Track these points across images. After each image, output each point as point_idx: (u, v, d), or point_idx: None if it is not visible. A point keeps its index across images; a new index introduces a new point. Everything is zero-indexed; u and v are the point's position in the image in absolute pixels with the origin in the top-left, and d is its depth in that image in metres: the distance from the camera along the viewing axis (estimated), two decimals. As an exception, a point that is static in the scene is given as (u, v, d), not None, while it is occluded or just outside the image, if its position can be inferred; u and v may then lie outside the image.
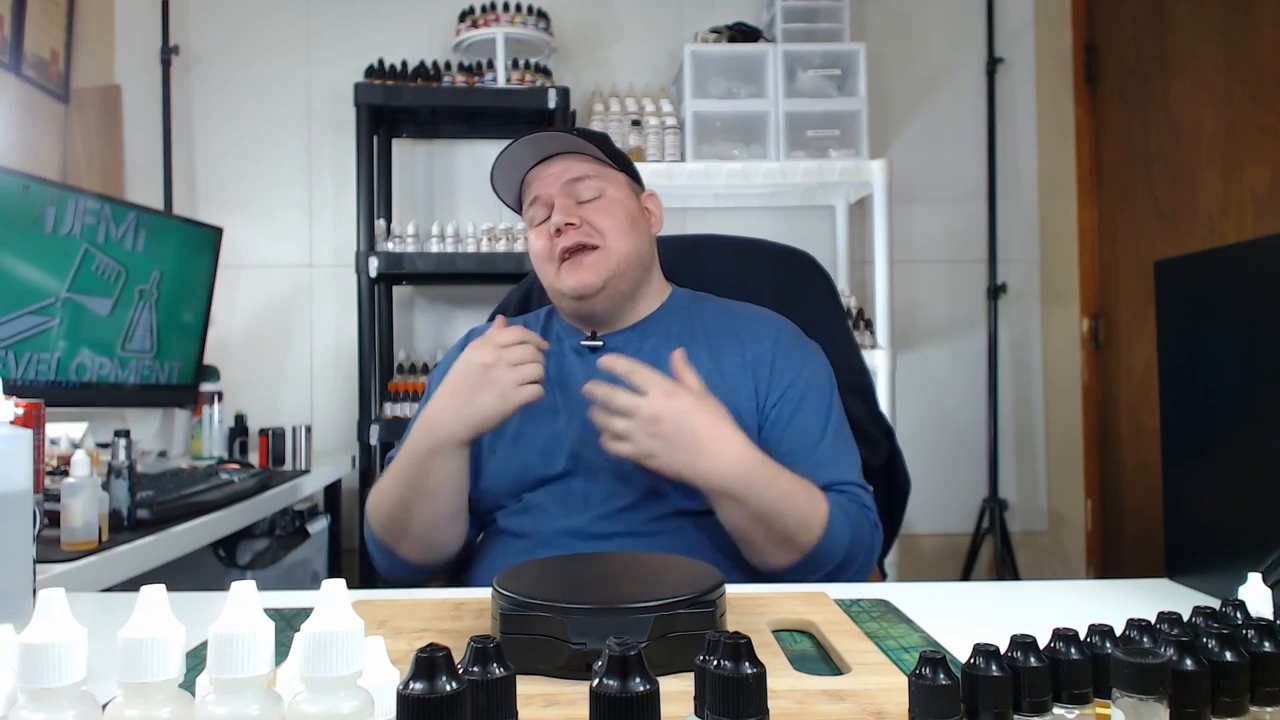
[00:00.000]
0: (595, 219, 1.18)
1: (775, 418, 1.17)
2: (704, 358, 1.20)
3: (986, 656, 0.45)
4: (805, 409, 1.18)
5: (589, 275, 1.17)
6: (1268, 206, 2.12)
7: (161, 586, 0.45)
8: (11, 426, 0.81)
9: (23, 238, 1.76)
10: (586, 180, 1.20)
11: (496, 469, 1.19)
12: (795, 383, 1.19)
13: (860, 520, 1.11)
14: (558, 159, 1.21)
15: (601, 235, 1.18)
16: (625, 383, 1.05)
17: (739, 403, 1.17)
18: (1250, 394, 0.90)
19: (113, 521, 1.34)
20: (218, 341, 2.62)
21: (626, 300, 1.23)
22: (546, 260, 1.20)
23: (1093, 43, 2.91)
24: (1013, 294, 3.00)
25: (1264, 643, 0.48)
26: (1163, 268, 1.05)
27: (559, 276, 1.19)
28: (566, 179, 1.20)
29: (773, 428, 1.17)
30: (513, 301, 1.52)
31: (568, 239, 1.17)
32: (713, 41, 2.78)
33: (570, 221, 1.17)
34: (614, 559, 0.96)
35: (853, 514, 1.11)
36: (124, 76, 2.78)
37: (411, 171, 2.94)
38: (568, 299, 1.21)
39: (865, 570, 1.12)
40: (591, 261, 1.17)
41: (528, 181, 1.23)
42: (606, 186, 1.21)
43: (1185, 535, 1.01)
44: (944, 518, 2.96)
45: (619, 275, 1.19)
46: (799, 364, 1.20)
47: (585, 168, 1.21)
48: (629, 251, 1.20)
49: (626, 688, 0.39)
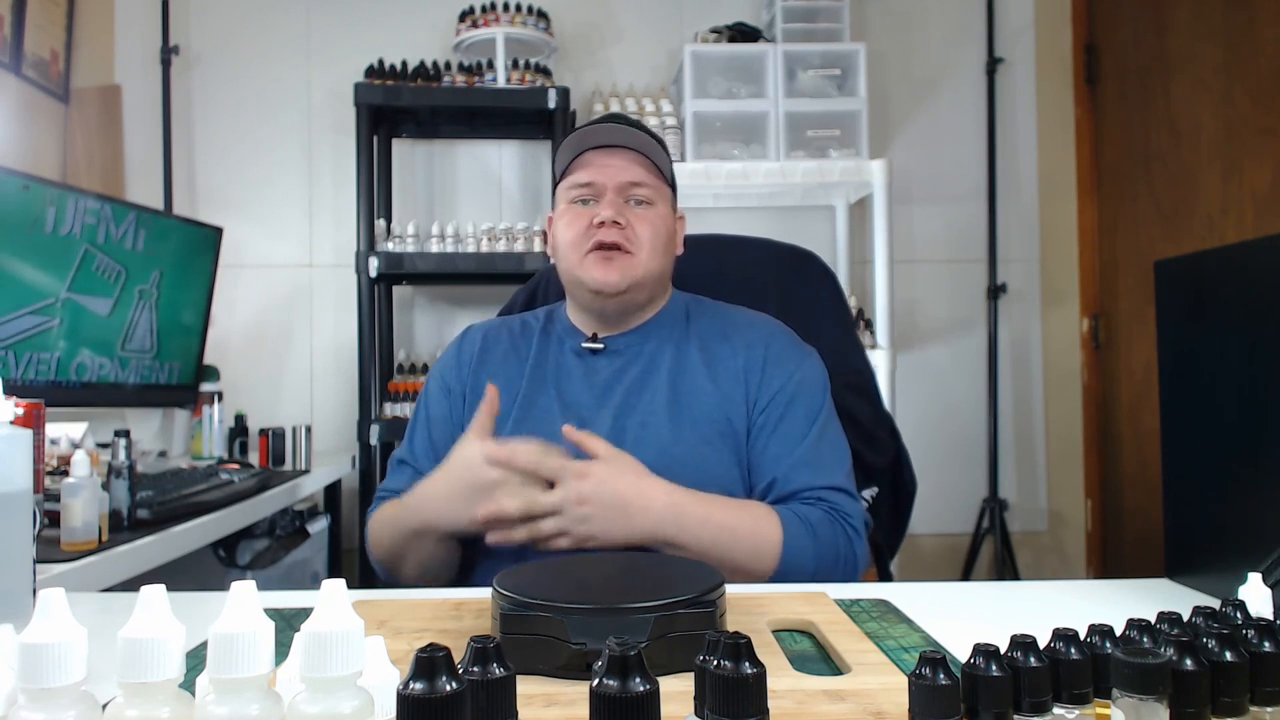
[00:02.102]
0: (639, 227, 1.19)
1: (762, 423, 1.17)
2: (698, 361, 1.21)
3: (986, 656, 0.45)
4: (792, 413, 1.17)
5: (615, 275, 1.18)
6: (1268, 206, 2.12)
7: (161, 586, 0.45)
8: (11, 426, 0.81)
9: (23, 238, 1.76)
10: (643, 187, 1.21)
11: None
12: (784, 387, 1.19)
13: (832, 532, 1.10)
14: (621, 151, 1.21)
15: (639, 244, 1.19)
16: (577, 451, 1.06)
17: (730, 408, 1.18)
18: (1250, 394, 0.90)
19: (113, 521, 1.34)
20: (218, 341, 2.62)
21: (637, 309, 1.24)
22: (575, 246, 1.20)
23: (1093, 43, 2.91)
24: (1013, 294, 3.01)
25: (1264, 643, 0.48)
26: (1163, 268, 1.05)
27: (583, 265, 1.19)
28: (627, 179, 1.20)
29: (759, 432, 1.17)
30: (519, 301, 1.52)
31: (610, 235, 1.17)
32: (713, 41, 2.78)
33: (618, 221, 1.18)
34: (614, 559, 0.96)
35: (822, 528, 1.09)
36: (124, 76, 2.77)
37: (411, 171, 2.94)
38: (586, 290, 1.21)
39: (848, 578, 1.11)
40: (621, 264, 1.18)
41: (586, 161, 1.22)
42: (657, 199, 1.22)
43: (1185, 535, 1.01)
44: (944, 518, 2.96)
45: (639, 286, 1.20)
46: (789, 369, 1.20)
47: (645, 174, 1.21)
48: (656, 268, 1.21)
49: (626, 688, 0.39)
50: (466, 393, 1.26)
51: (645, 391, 1.19)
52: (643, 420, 1.17)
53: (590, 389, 1.21)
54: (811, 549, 1.08)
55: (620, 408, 1.19)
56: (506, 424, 1.18)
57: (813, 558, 1.08)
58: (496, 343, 1.29)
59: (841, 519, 1.12)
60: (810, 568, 1.07)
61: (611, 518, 1.02)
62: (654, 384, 1.20)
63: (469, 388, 1.26)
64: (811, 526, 1.09)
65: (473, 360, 1.27)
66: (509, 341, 1.28)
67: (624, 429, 1.17)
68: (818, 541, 1.08)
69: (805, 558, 1.07)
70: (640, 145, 1.21)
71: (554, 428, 1.17)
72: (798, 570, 1.07)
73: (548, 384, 1.22)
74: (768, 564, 1.06)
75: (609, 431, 1.16)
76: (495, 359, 1.27)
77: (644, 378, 1.21)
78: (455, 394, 1.26)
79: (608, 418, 1.18)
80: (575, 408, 1.20)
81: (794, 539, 1.07)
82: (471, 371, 1.27)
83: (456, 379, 1.27)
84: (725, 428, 1.17)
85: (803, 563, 1.07)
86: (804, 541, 1.08)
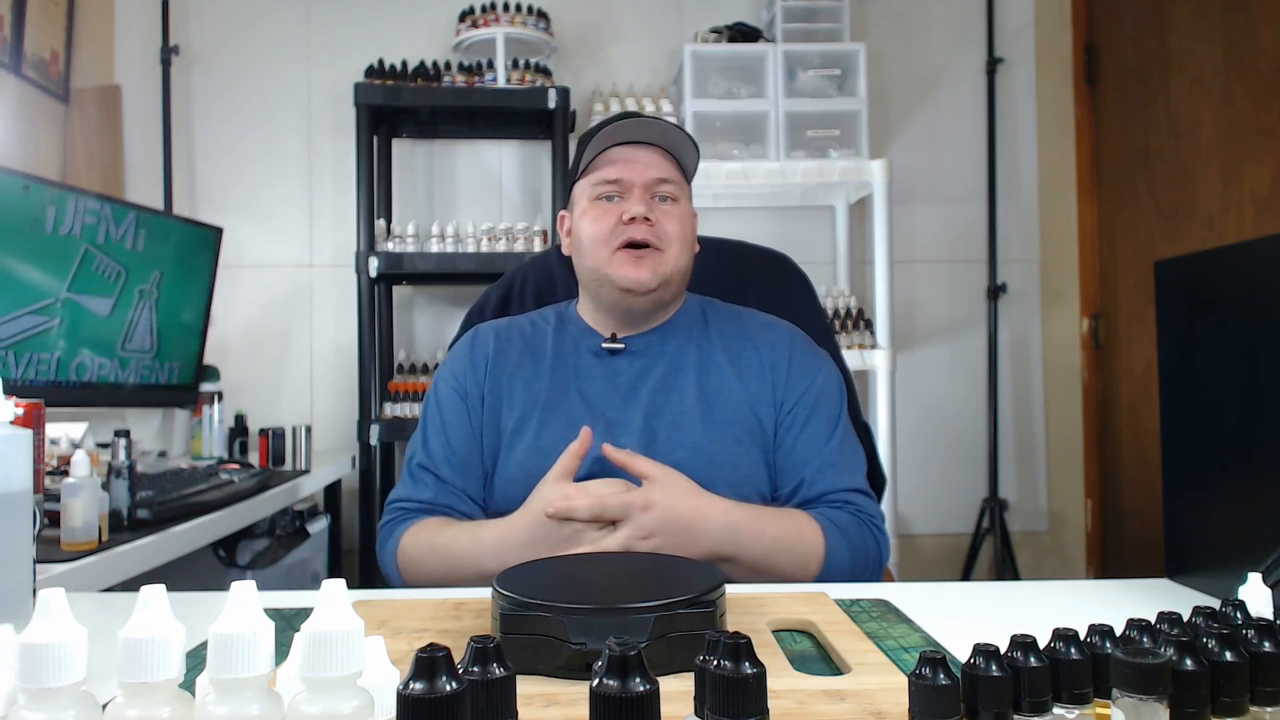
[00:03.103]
0: (667, 224, 1.18)
1: (789, 423, 1.19)
2: (722, 360, 1.21)
3: (986, 656, 0.45)
4: (818, 416, 1.19)
5: (646, 274, 1.17)
6: (1268, 206, 2.12)
7: (161, 586, 0.45)
8: (11, 426, 0.81)
9: (23, 238, 1.76)
10: (669, 183, 1.20)
11: (514, 473, 1.17)
12: (810, 389, 1.20)
13: (862, 535, 1.13)
14: (646, 148, 1.20)
15: (668, 241, 1.18)
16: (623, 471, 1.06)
17: (759, 406, 1.19)
18: (1250, 394, 0.90)
19: (113, 521, 1.34)
20: (218, 341, 2.62)
21: (663, 306, 1.23)
22: (603, 242, 1.18)
23: (1093, 43, 2.91)
24: (1013, 294, 3.01)
25: (1264, 643, 0.48)
26: (1163, 268, 1.05)
27: (612, 263, 1.18)
28: (655, 175, 1.19)
29: (786, 432, 1.19)
30: (491, 302, 1.48)
31: (640, 232, 1.16)
32: (713, 41, 2.78)
33: (649, 218, 1.17)
34: (614, 559, 0.96)
35: (852, 531, 1.12)
36: (124, 76, 2.77)
37: (411, 171, 2.94)
38: (614, 288, 1.19)
39: (875, 578, 1.14)
40: (651, 262, 1.17)
41: (612, 157, 1.20)
42: (682, 196, 1.22)
43: (1185, 535, 1.01)
44: (944, 518, 2.96)
45: (667, 283, 1.19)
46: (813, 372, 1.22)
47: (672, 171, 1.21)
48: (683, 265, 1.21)
49: (626, 688, 0.39)
50: (485, 395, 1.22)
51: (673, 392, 1.19)
52: (674, 420, 1.17)
53: (614, 390, 1.20)
54: (847, 553, 1.10)
55: (649, 408, 1.18)
56: (529, 427, 1.17)
57: (849, 561, 1.10)
58: (510, 344, 1.25)
59: (868, 521, 1.15)
60: (847, 571, 1.10)
61: (676, 544, 1.02)
62: (681, 384, 1.19)
63: (487, 390, 1.22)
64: (844, 531, 1.11)
65: (488, 361, 1.24)
66: (523, 342, 1.26)
67: (655, 430, 1.16)
68: (851, 545, 1.11)
69: (842, 562, 1.09)
70: (665, 141, 1.20)
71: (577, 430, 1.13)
72: (835, 573, 1.09)
73: (569, 385, 1.20)
74: (813, 571, 1.08)
75: (639, 432, 1.16)
76: (511, 360, 1.24)
77: (670, 378, 1.20)
78: (473, 397, 1.23)
79: (637, 419, 1.17)
80: (601, 409, 1.18)
81: (834, 545, 1.09)
82: (488, 373, 1.23)
83: (473, 381, 1.23)
84: (754, 426, 1.18)
85: (840, 566, 1.09)
86: (841, 547, 1.10)
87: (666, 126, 1.19)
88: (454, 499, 1.20)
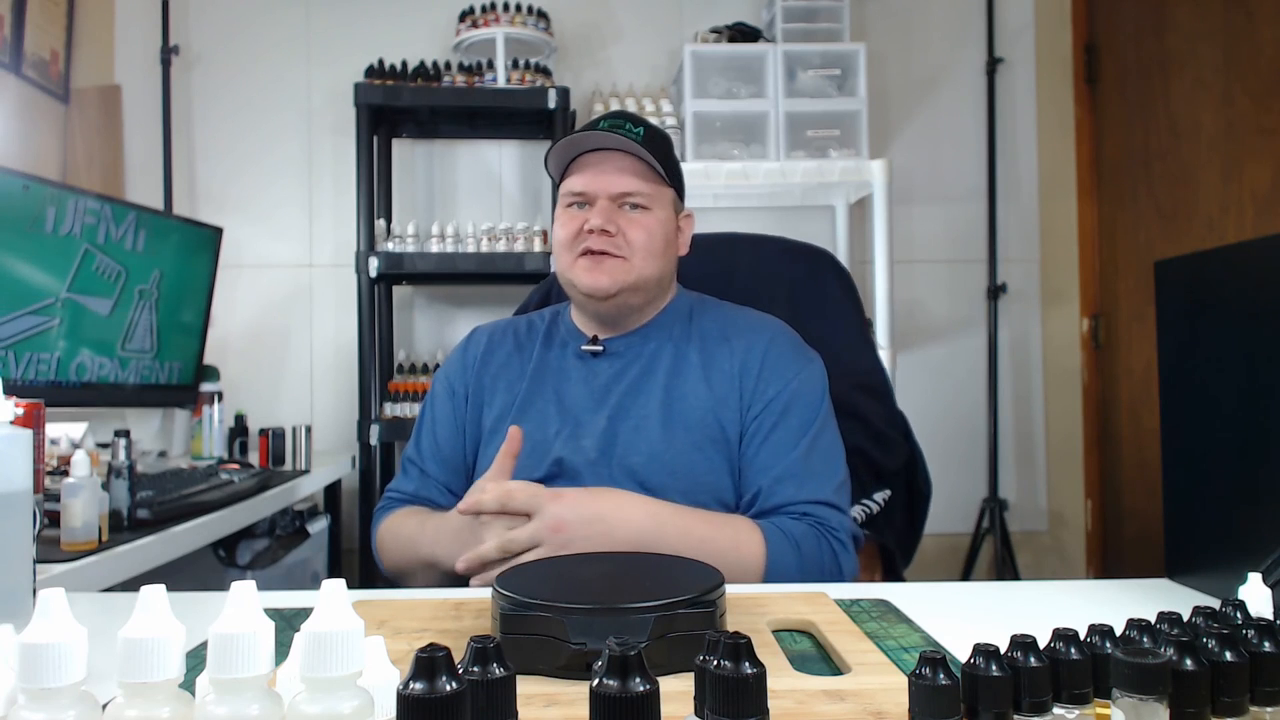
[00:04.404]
0: (631, 233, 1.18)
1: (754, 430, 1.17)
2: (695, 363, 1.21)
3: (986, 656, 0.45)
4: (786, 422, 1.16)
5: (604, 280, 1.17)
6: (1268, 206, 2.12)
7: (161, 586, 0.45)
8: (11, 426, 0.81)
9: (23, 238, 1.76)
10: (636, 195, 1.19)
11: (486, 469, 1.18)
12: (779, 395, 1.18)
13: (817, 546, 1.10)
14: (617, 155, 1.20)
15: (631, 249, 1.18)
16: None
17: (723, 412, 1.17)
18: (1250, 394, 0.90)
19: (113, 521, 1.34)
20: (218, 341, 2.62)
21: (634, 311, 1.24)
22: (567, 248, 1.20)
23: (1093, 43, 2.91)
24: (1013, 294, 3.00)
25: (1264, 643, 0.48)
26: (1163, 268, 1.05)
27: (574, 269, 1.20)
28: (619, 189, 1.19)
29: (750, 440, 1.17)
30: (533, 301, 1.53)
31: (597, 243, 1.17)
32: (713, 41, 2.78)
33: (607, 229, 1.17)
34: (614, 559, 0.96)
35: (806, 542, 1.09)
36: (124, 76, 2.77)
37: (411, 171, 2.94)
38: (578, 292, 1.22)
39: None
40: (610, 267, 1.18)
41: (581, 165, 1.21)
42: (653, 204, 1.21)
43: (1185, 535, 1.01)
44: (944, 518, 2.96)
45: (633, 289, 1.20)
46: (787, 375, 1.19)
47: (639, 182, 1.19)
48: (652, 272, 1.20)
49: (626, 688, 0.39)
50: (469, 394, 1.27)
51: (640, 395, 1.19)
52: (636, 425, 1.17)
53: (589, 391, 1.21)
54: (795, 563, 1.08)
55: (614, 411, 1.18)
56: (506, 425, 1.18)
57: (797, 572, 1.08)
58: (500, 345, 1.29)
59: (827, 533, 1.12)
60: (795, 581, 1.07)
61: (590, 535, 1.01)
62: (649, 387, 1.20)
63: (472, 389, 1.27)
64: (795, 540, 1.09)
65: (476, 362, 1.28)
66: (513, 343, 1.29)
67: (616, 433, 1.17)
68: (802, 556, 1.08)
69: (789, 573, 1.07)
70: (636, 149, 1.18)
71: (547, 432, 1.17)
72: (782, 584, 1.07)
73: (547, 386, 1.23)
74: (751, 578, 1.06)
75: (601, 434, 1.16)
76: (498, 361, 1.28)
77: (640, 380, 1.20)
78: (459, 395, 1.28)
79: (601, 420, 1.18)
80: (572, 410, 1.20)
81: (777, 553, 1.07)
82: (475, 373, 1.28)
83: (460, 380, 1.28)
84: (717, 433, 1.16)
85: (787, 577, 1.07)
86: (787, 556, 1.07)
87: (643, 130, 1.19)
88: (434, 492, 1.25)
